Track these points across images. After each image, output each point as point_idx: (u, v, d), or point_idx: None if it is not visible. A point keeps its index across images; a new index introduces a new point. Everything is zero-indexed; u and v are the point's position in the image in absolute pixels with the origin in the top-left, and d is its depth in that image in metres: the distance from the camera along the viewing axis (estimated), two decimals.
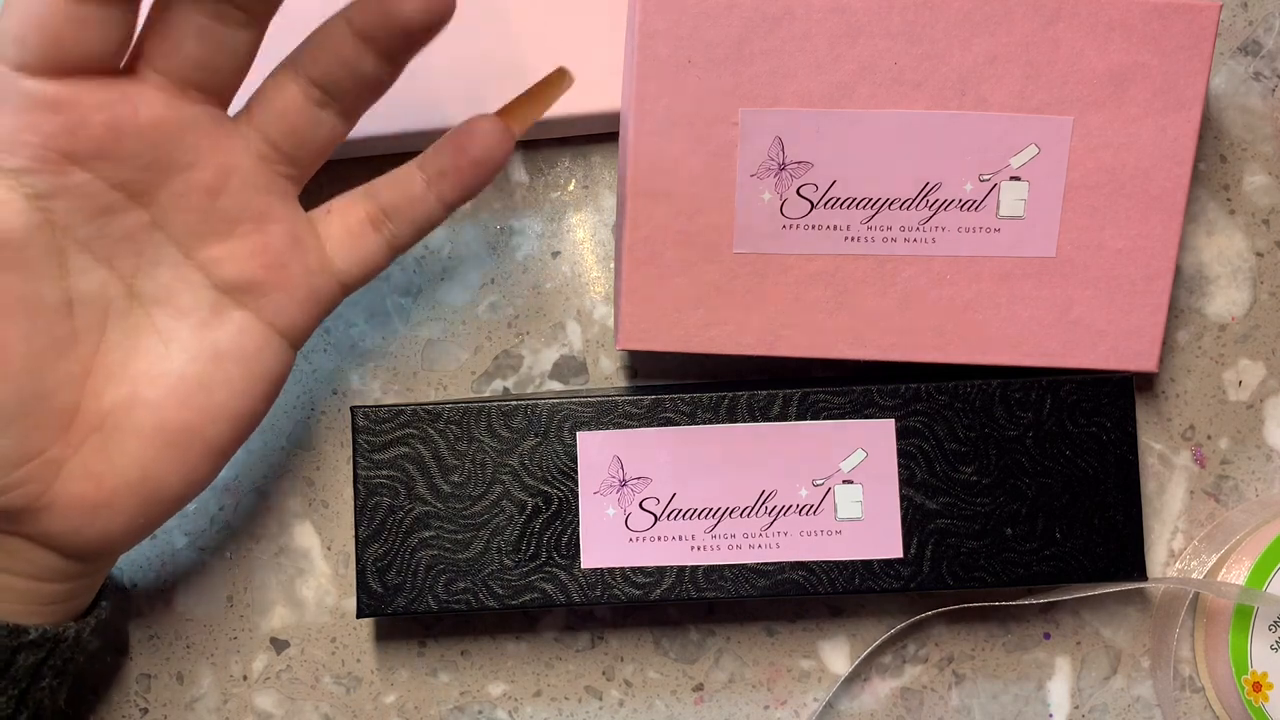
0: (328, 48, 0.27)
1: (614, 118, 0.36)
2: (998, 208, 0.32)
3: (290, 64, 0.28)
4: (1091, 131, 0.32)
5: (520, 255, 0.38)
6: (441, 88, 0.35)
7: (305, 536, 0.37)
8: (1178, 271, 0.37)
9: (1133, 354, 0.33)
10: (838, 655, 0.37)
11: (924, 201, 0.32)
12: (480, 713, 0.37)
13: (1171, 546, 0.37)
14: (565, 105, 0.35)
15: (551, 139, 0.38)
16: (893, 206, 0.32)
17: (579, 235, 0.38)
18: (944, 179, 0.32)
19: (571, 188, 0.38)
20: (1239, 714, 0.36)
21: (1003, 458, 0.33)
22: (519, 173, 0.38)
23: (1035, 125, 0.32)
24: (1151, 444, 0.37)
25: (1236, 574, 0.35)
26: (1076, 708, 0.37)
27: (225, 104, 0.28)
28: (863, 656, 0.37)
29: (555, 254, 0.38)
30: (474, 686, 0.37)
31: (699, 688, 0.37)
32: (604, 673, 0.37)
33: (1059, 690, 0.37)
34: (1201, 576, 0.36)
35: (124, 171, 0.26)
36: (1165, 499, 0.37)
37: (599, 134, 0.37)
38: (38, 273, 0.26)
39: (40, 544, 0.28)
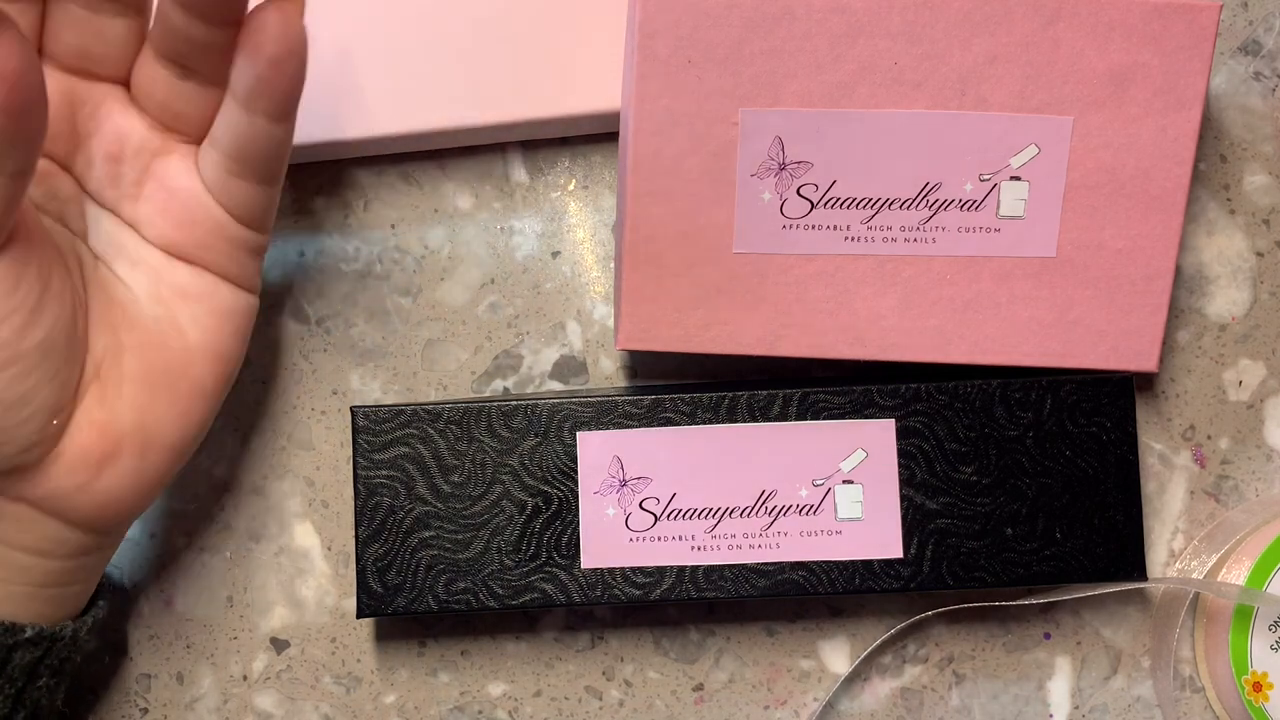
0: (161, 22, 0.28)
1: (614, 118, 0.36)
2: (998, 208, 0.32)
3: (147, 42, 0.29)
4: (1091, 131, 0.32)
5: (520, 255, 0.38)
6: (442, 88, 0.35)
7: (305, 536, 0.37)
8: (1178, 271, 0.37)
9: (1133, 354, 0.33)
10: (838, 655, 0.37)
11: (924, 201, 0.32)
12: (480, 713, 0.37)
13: (1171, 546, 0.37)
14: (565, 105, 0.35)
15: (551, 139, 0.38)
16: (893, 206, 0.32)
17: (579, 235, 0.38)
18: (944, 179, 0.32)
19: (571, 188, 0.38)
20: (1239, 714, 0.36)
21: (1003, 458, 0.33)
22: (519, 173, 0.38)
23: (1035, 125, 0.32)
24: (1151, 444, 0.37)
25: (1236, 574, 0.35)
26: (1076, 708, 0.37)
27: (122, 78, 0.29)
28: (862, 657, 0.37)
29: (555, 254, 0.38)
30: (474, 686, 0.37)
31: (699, 688, 0.37)
32: (604, 673, 0.37)
33: (1059, 690, 0.37)
34: (1201, 576, 0.36)
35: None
36: (1165, 499, 0.37)
37: (599, 134, 0.37)
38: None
39: (46, 510, 0.29)
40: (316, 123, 0.35)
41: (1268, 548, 0.35)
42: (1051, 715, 0.37)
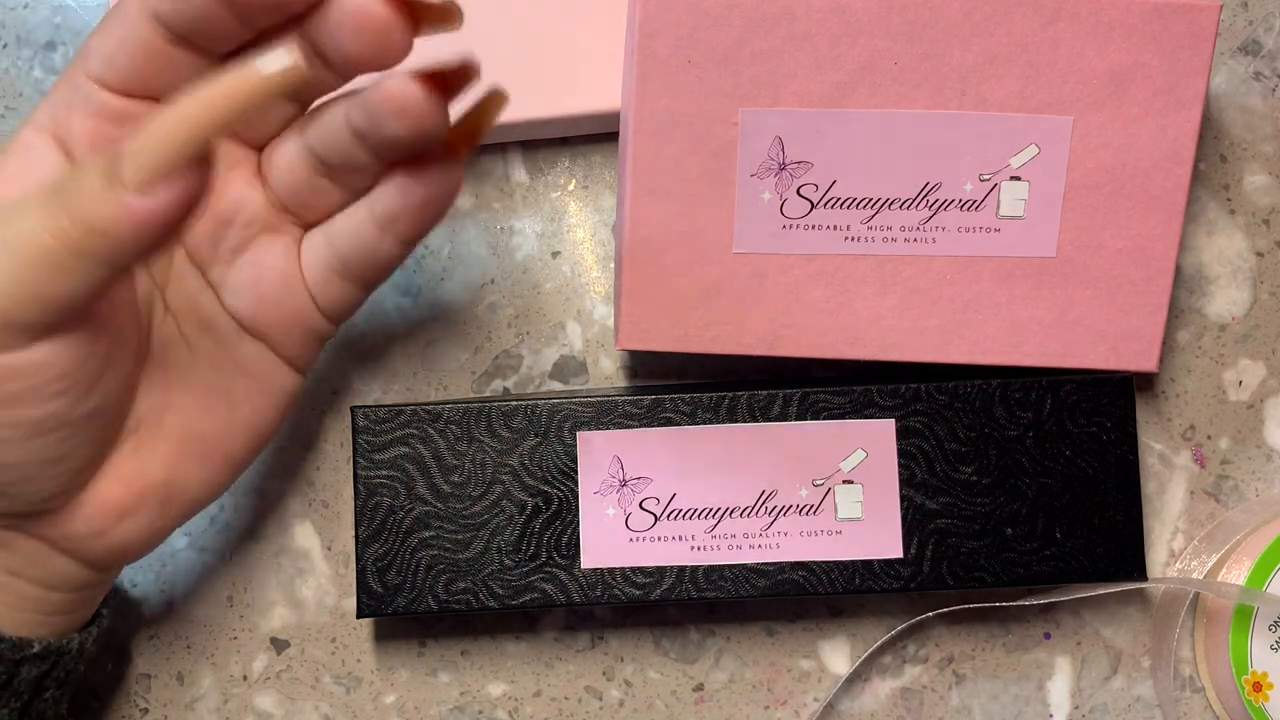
0: (325, 124, 0.27)
1: (614, 118, 0.36)
2: (998, 208, 0.32)
3: (297, 126, 0.28)
4: (1091, 131, 0.32)
5: (520, 255, 0.38)
6: None
7: (305, 536, 0.37)
8: (1178, 271, 0.37)
9: (1133, 354, 0.33)
10: (838, 655, 0.37)
11: (924, 201, 0.32)
12: (480, 713, 0.37)
13: (1171, 546, 0.37)
14: (565, 105, 0.35)
15: (551, 139, 0.38)
16: (893, 206, 0.32)
17: (579, 235, 0.38)
18: (944, 179, 0.32)
19: (571, 188, 0.38)
20: (1239, 714, 0.36)
21: (1003, 458, 0.33)
22: (519, 173, 0.38)
23: (1035, 125, 0.32)
24: (1151, 444, 0.37)
25: (1236, 574, 0.35)
26: (1076, 708, 0.37)
27: (256, 145, 0.29)
28: (862, 658, 0.37)
29: (555, 254, 0.38)
30: (474, 686, 0.37)
31: (699, 688, 0.37)
32: (604, 673, 0.37)
33: (1059, 690, 0.37)
34: (1201, 576, 0.36)
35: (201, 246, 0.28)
36: (1165, 499, 0.37)
37: (599, 134, 0.37)
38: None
39: (59, 549, 0.29)
40: None
41: (1268, 548, 0.35)
42: (1051, 715, 0.37)
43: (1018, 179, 0.32)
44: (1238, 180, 0.37)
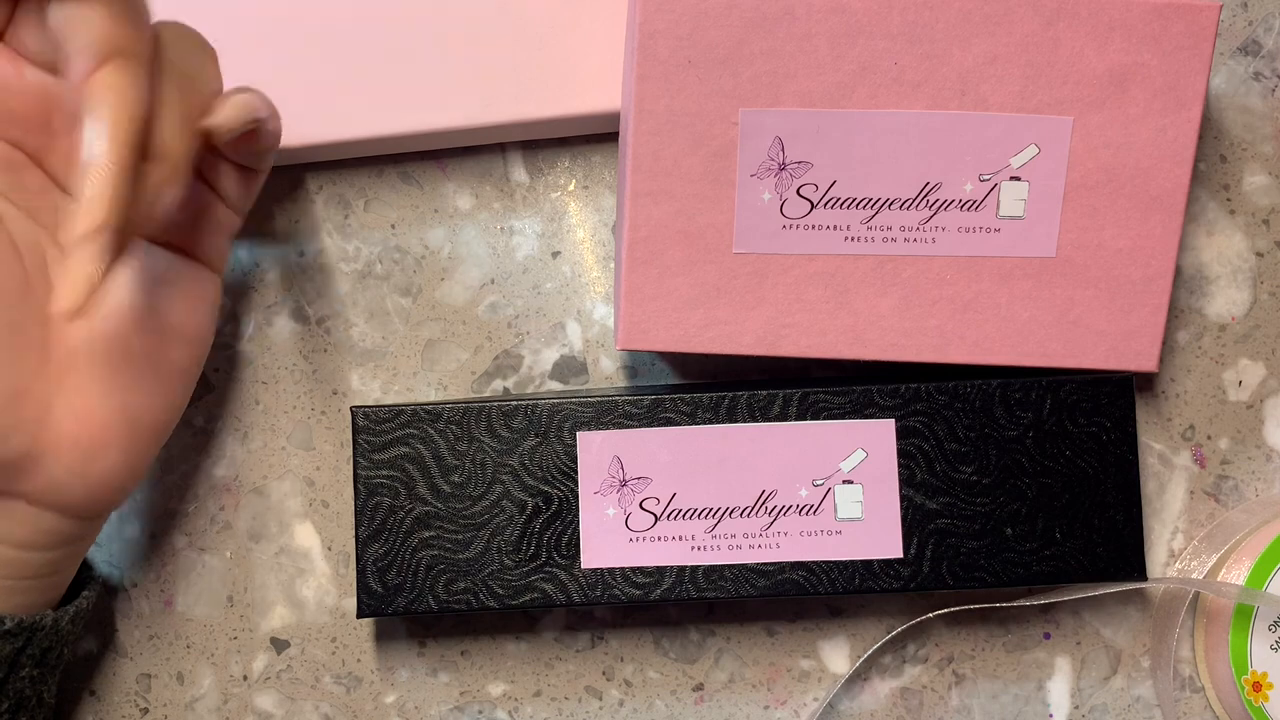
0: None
1: (614, 118, 0.36)
2: (998, 208, 0.32)
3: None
4: (1091, 131, 0.32)
5: (520, 255, 0.38)
6: (441, 88, 0.35)
7: (305, 536, 0.37)
8: (1178, 271, 0.37)
9: (1133, 354, 0.33)
10: (838, 655, 0.37)
11: (924, 201, 0.32)
12: (480, 713, 0.37)
13: (1171, 546, 0.37)
14: (565, 105, 0.35)
15: (551, 139, 0.38)
16: (893, 206, 0.32)
17: (579, 235, 0.38)
18: (944, 179, 0.32)
19: (571, 188, 0.38)
20: (1239, 714, 0.36)
21: (1003, 458, 0.33)
22: (519, 173, 0.38)
23: (1035, 125, 0.32)
24: (1151, 444, 0.37)
25: (1236, 574, 0.35)
26: (1076, 708, 0.37)
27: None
28: (862, 660, 0.37)
29: (555, 254, 0.38)
30: (474, 686, 0.37)
31: (699, 688, 0.37)
32: (604, 673, 0.37)
33: (1059, 690, 0.37)
34: (1201, 576, 0.36)
35: (14, 130, 0.28)
36: (1165, 499, 0.37)
37: (599, 134, 0.37)
38: None
39: (44, 503, 0.29)
40: (317, 123, 0.35)
41: (1268, 548, 0.35)
42: (1051, 715, 0.37)
43: (1018, 179, 0.32)
44: (1238, 180, 0.37)
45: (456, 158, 0.38)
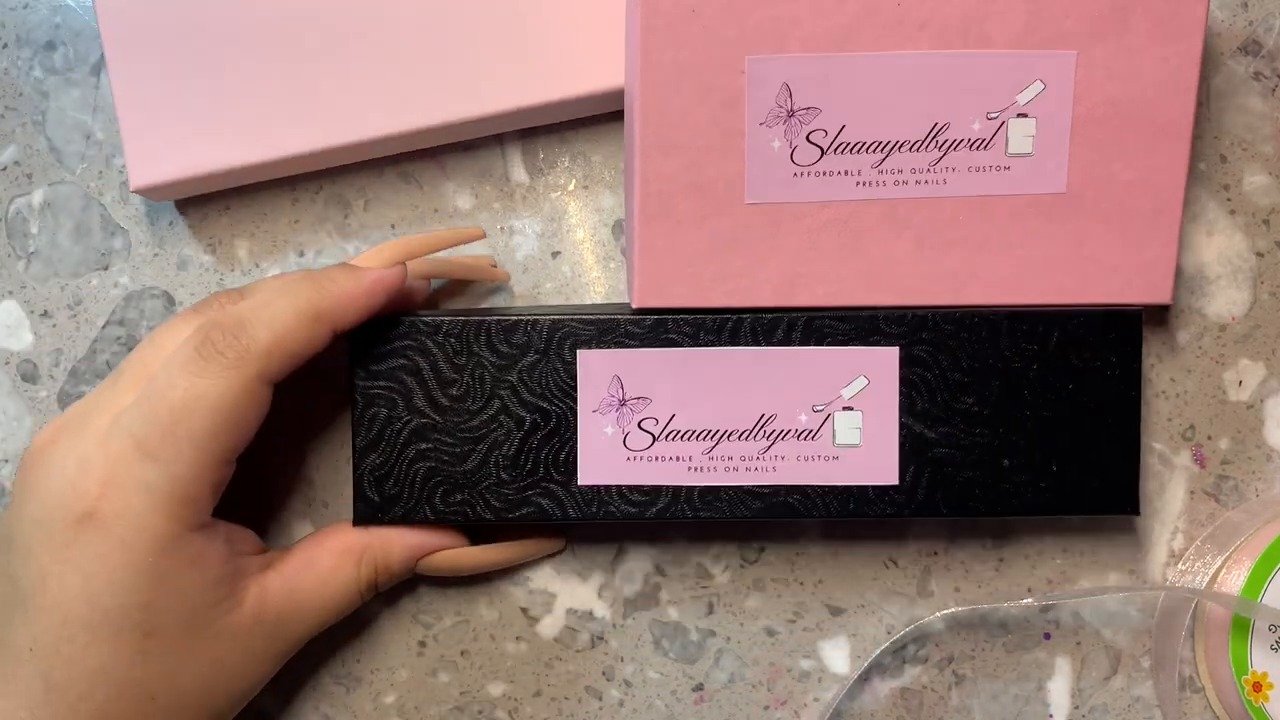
0: None
1: (613, 98, 0.36)
2: (1006, 145, 0.32)
3: None
4: (1095, 65, 0.32)
5: (520, 255, 0.38)
6: (440, 81, 0.35)
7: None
8: (1178, 272, 0.37)
9: (1146, 286, 0.33)
10: (838, 655, 0.37)
11: (933, 143, 0.32)
12: (480, 713, 0.37)
13: (1171, 547, 0.37)
14: (565, 88, 0.35)
15: (551, 136, 0.38)
16: (902, 149, 0.32)
17: (579, 235, 0.38)
18: (952, 119, 0.32)
19: (571, 188, 0.38)
20: (1239, 714, 0.36)
21: (1005, 389, 0.33)
22: (519, 173, 0.38)
23: (1039, 61, 0.32)
24: (1151, 444, 0.37)
25: (1236, 575, 0.35)
26: (1076, 708, 0.37)
27: None
28: (866, 664, 0.37)
29: (555, 254, 0.38)
30: (474, 686, 0.37)
31: (699, 688, 0.37)
32: (604, 673, 0.37)
33: (1059, 690, 0.37)
34: (1206, 577, 0.36)
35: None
36: (1165, 499, 0.37)
37: (599, 134, 0.37)
38: None
39: None
40: (314, 127, 0.35)
41: (1268, 548, 0.35)
42: (1051, 715, 0.37)
43: (1025, 115, 0.32)
44: (1238, 180, 0.37)
45: (456, 158, 0.38)
